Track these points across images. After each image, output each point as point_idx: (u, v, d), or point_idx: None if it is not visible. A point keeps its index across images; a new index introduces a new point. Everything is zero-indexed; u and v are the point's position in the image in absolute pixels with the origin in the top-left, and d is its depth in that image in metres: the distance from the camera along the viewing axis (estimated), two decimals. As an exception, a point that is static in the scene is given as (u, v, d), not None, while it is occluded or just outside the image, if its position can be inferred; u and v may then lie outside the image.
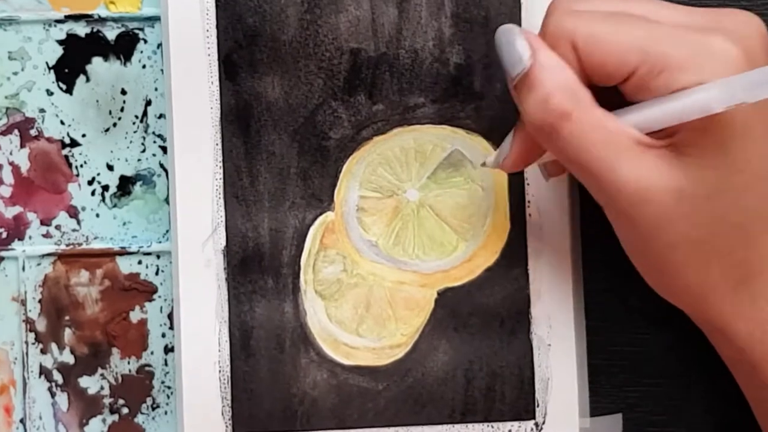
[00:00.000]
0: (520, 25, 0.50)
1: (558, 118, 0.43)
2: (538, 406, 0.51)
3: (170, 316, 0.52)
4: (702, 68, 0.41)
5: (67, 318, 0.52)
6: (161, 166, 0.52)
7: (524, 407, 0.51)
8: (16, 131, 0.52)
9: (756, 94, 0.40)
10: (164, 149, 0.52)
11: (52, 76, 0.52)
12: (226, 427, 0.51)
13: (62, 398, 0.53)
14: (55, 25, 0.52)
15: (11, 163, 0.52)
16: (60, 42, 0.52)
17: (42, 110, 0.52)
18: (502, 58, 0.44)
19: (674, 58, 0.42)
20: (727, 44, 0.42)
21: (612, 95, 0.44)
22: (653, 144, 0.43)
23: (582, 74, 0.43)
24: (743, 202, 0.43)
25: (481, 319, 0.51)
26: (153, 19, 0.51)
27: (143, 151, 0.52)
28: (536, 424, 0.51)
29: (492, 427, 0.51)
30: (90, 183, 0.52)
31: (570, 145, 0.43)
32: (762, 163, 0.43)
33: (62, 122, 0.52)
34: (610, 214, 0.45)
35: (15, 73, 0.52)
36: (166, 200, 0.52)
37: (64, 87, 0.52)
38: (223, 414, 0.51)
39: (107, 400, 0.53)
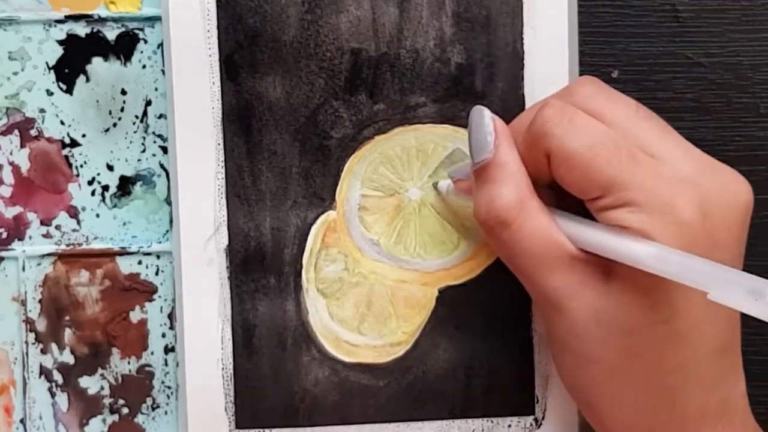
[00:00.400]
0: (521, 24, 0.50)
1: (499, 224, 0.44)
2: (537, 402, 0.51)
3: (170, 316, 0.52)
4: (659, 228, 0.41)
5: (67, 318, 0.52)
6: (161, 166, 0.52)
7: (524, 403, 0.51)
8: (16, 131, 0.52)
9: (688, 278, 0.40)
10: (164, 149, 0.52)
11: (52, 76, 0.52)
12: (229, 423, 0.51)
13: (62, 398, 0.53)
14: (55, 25, 0.52)
15: (11, 163, 0.52)
16: (60, 42, 0.52)
17: (42, 110, 0.52)
18: (469, 137, 0.45)
19: (638, 205, 0.42)
20: (695, 214, 0.42)
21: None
22: (587, 261, 0.43)
23: (547, 174, 0.44)
24: (664, 351, 0.43)
25: (482, 317, 0.51)
26: (153, 19, 0.52)
27: (143, 151, 0.52)
28: (535, 420, 0.51)
29: (492, 422, 0.51)
30: (90, 183, 0.52)
31: (505, 249, 0.45)
32: (696, 317, 0.43)
33: (62, 122, 0.52)
34: (542, 313, 0.46)
35: (15, 73, 0.52)
36: (166, 200, 0.52)
37: (64, 87, 0.52)
38: (226, 410, 0.51)
39: (107, 400, 0.53)
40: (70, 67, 0.52)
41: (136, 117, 0.52)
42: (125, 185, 0.52)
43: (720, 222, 0.42)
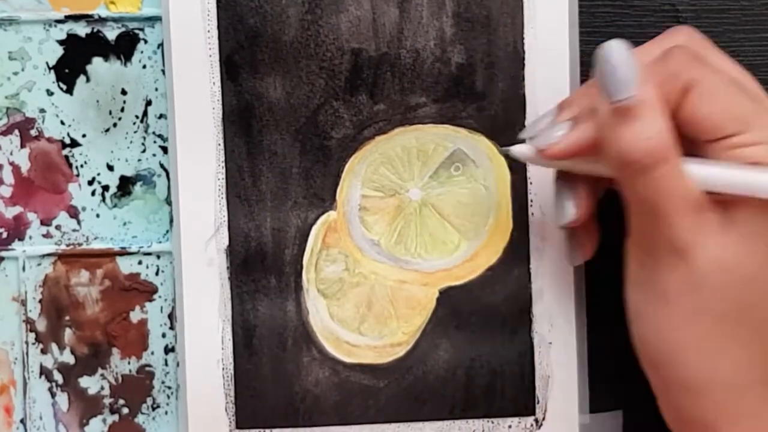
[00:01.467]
0: (522, 24, 0.50)
1: (656, 160, 0.42)
2: (538, 402, 0.51)
3: (170, 316, 0.52)
4: None
5: (67, 318, 0.52)
6: (161, 166, 0.52)
7: (524, 404, 0.51)
8: (16, 131, 0.52)
9: None
10: (164, 149, 0.52)
11: (52, 76, 0.52)
12: (230, 423, 0.51)
13: (62, 398, 0.53)
14: (55, 25, 0.51)
15: (11, 163, 0.52)
16: (60, 42, 0.52)
17: (42, 110, 0.52)
18: (604, 76, 0.43)
19: None
20: None
21: None
22: (713, 209, 0.43)
23: (670, 117, 0.43)
24: None
25: (483, 318, 0.51)
26: (153, 19, 0.51)
27: (143, 151, 0.52)
28: (536, 420, 0.52)
29: (492, 422, 0.51)
30: (90, 183, 0.52)
31: (652, 187, 0.43)
32: None
33: (62, 122, 0.52)
34: (652, 260, 0.44)
35: (15, 73, 0.52)
36: (166, 200, 0.52)
37: (64, 87, 0.52)
38: (226, 410, 0.51)
39: (107, 400, 0.53)
40: (70, 67, 0.52)
41: (136, 117, 0.52)
42: (125, 185, 0.52)
43: None
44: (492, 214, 0.51)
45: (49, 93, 0.52)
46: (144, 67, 0.52)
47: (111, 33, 0.52)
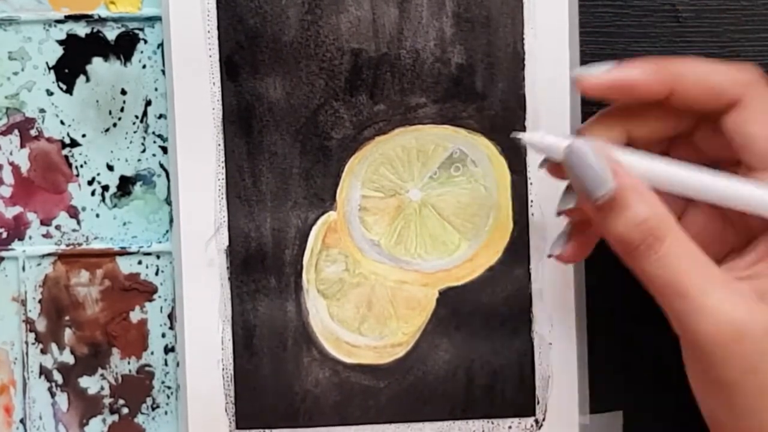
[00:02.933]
0: (522, 25, 0.50)
1: (654, 241, 0.42)
2: (538, 403, 0.51)
3: (170, 316, 0.52)
4: None
5: (67, 318, 0.52)
6: (161, 166, 0.52)
7: (524, 404, 0.51)
8: (16, 131, 0.52)
9: None
10: (164, 149, 0.52)
11: (52, 76, 0.52)
12: (230, 423, 0.51)
13: (62, 398, 0.53)
14: (55, 25, 0.51)
15: (11, 163, 0.52)
16: (60, 42, 0.52)
17: (42, 110, 0.52)
18: (577, 178, 0.43)
19: None
20: None
21: None
22: (740, 285, 0.42)
23: (698, 112, 0.44)
24: None
25: (483, 318, 0.51)
26: (153, 19, 0.51)
27: (143, 151, 0.52)
28: (536, 421, 0.52)
29: (492, 423, 0.52)
30: (90, 183, 0.52)
31: (661, 267, 0.42)
32: None
33: (62, 122, 0.52)
34: (691, 350, 0.43)
35: (15, 73, 0.52)
36: (166, 200, 0.52)
37: (64, 87, 0.52)
38: (226, 411, 0.51)
39: (107, 400, 0.53)
40: (70, 67, 0.52)
41: (136, 117, 0.52)
42: (125, 185, 0.52)
43: None
44: (492, 215, 0.51)
45: (49, 93, 0.52)
46: (144, 67, 0.52)
47: (111, 33, 0.52)
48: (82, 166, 0.52)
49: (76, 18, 0.52)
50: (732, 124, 0.43)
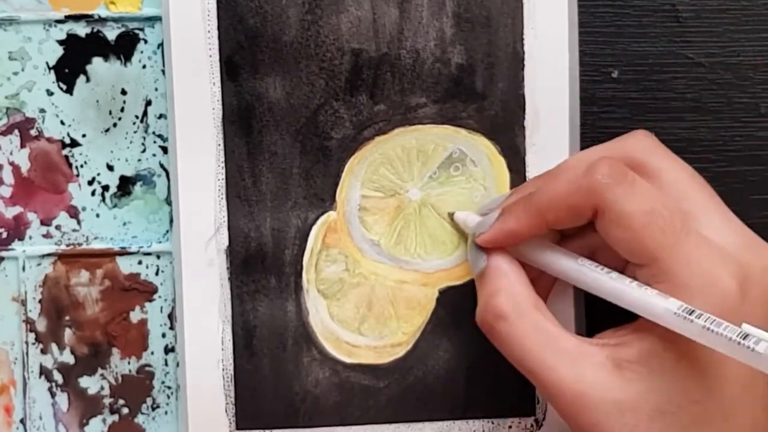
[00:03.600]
0: (522, 25, 0.50)
1: (494, 318, 0.45)
2: (538, 402, 0.51)
3: (170, 316, 0.52)
4: (695, 297, 0.42)
5: (67, 318, 0.52)
6: (161, 166, 0.52)
7: (524, 404, 0.51)
8: (16, 131, 0.52)
9: (710, 340, 0.40)
10: (164, 149, 0.52)
11: (52, 76, 0.52)
12: (230, 423, 0.51)
13: (62, 398, 0.53)
14: (55, 25, 0.51)
15: (11, 163, 0.52)
16: (60, 42, 0.52)
17: (42, 110, 0.52)
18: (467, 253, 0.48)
19: (679, 281, 0.42)
20: (731, 284, 0.42)
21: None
22: (593, 353, 0.44)
23: (579, 223, 0.45)
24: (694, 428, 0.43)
25: (483, 318, 0.51)
26: (153, 19, 0.51)
27: (143, 151, 0.52)
28: (536, 421, 0.52)
29: (492, 423, 0.52)
30: (90, 183, 0.52)
31: (507, 344, 0.45)
32: (726, 398, 0.43)
33: (62, 122, 0.52)
34: (559, 414, 0.45)
35: (15, 73, 0.52)
36: (166, 200, 0.52)
37: (64, 87, 0.52)
38: (226, 411, 0.51)
39: (107, 400, 0.53)
40: (70, 67, 0.52)
41: (136, 117, 0.52)
42: (125, 185, 0.52)
43: (758, 299, 0.43)
44: (492, 215, 0.51)
45: (49, 93, 0.52)
46: (144, 67, 0.52)
47: (111, 33, 0.52)
48: (82, 166, 0.52)
49: (76, 18, 0.52)
50: (600, 230, 0.44)
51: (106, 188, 0.52)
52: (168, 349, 0.52)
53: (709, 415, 0.42)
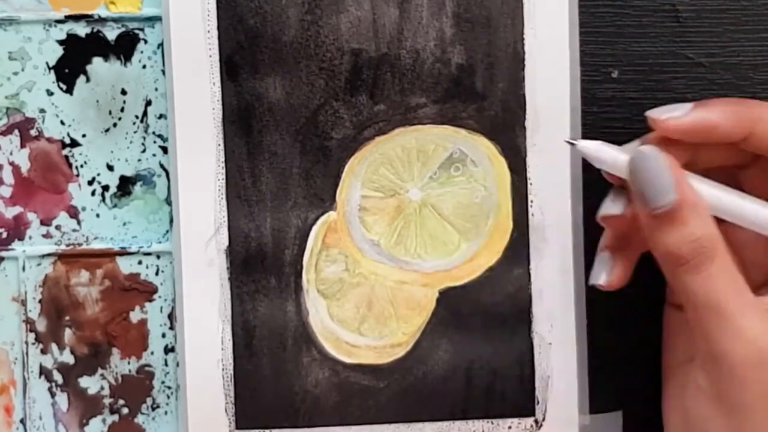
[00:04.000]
0: (522, 25, 0.50)
1: (704, 260, 0.43)
2: (538, 403, 0.51)
3: (170, 316, 0.52)
4: None
5: (67, 318, 0.52)
6: (161, 166, 0.52)
7: (524, 404, 0.51)
8: (16, 131, 0.52)
9: None
10: (164, 149, 0.52)
11: (52, 76, 0.52)
12: (230, 423, 0.51)
13: (62, 398, 0.53)
14: (55, 25, 0.51)
15: (11, 163, 0.52)
16: (60, 42, 0.52)
17: (42, 110, 0.52)
18: (641, 184, 0.44)
19: None
20: None
21: None
22: None
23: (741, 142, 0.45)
24: None
25: (483, 318, 0.51)
26: (153, 20, 0.51)
27: (143, 151, 0.52)
28: (536, 421, 0.52)
29: (492, 423, 0.52)
30: (90, 183, 0.52)
31: (704, 286, 0.43)
32: None
33: (62, 122, 0.52)
34: (714, 370, 0.44)
35: (15, 73, 0.52)
36: (166, 200, 0.52)
37: (64, 87, 0.52)
38: (226, 411, 0.51)
39: (107, 400, 0.53)
40: (70, 67, 0.52)
41: (136, 117, 0.52)
42: (125, 185, 0.52)
43: None
44: (492, 215, 0.51)
45: (49, 93, 0.52)
46: (144, 67, 0.52)
47: (111, 33, 0.52)
48: (82, 166, 0.52)
49: (76, 18, 0.52)
50: (757, 137, 0.44)
51: (106, 188, 0.52)
52: (168, 349, 0.52)
53: None
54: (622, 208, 0.46)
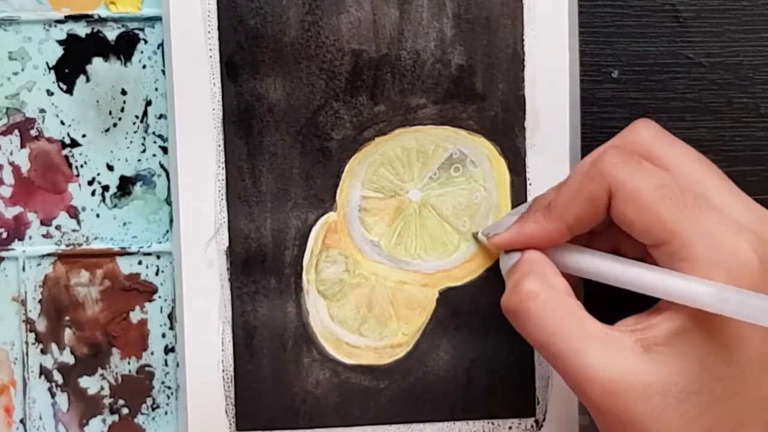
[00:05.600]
0: (522, 26, 0.50)
1: (525, 297, 0.44)
2: (538, 403, 0.52)
3: (170, 317, 0.52)
4: (716, 269, 0.42)
5: (67, 318, 0.52)
6: (161, 166, 0.52)
7: (525, 405, 0.51)
8: (16, 131, 0.52)
9: (747, 314, 0.40)
10: (164, 149, 0.52)
11: (52, 76, 0.52)
12: (230, 424, 0.51)
13: (62, 398, 0.53)
14: (55, 26, 0.51)
15: (11, 163, 0.52)
16: (60, 42, 0.52)
17: (42, 110, 0.52)
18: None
19: (699, 254, 0.42)
20: (750, 254, 0.42)
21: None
22: (621, 338, 0.43)
23: (599, 217, 0.45)
24: (721, 411, 0.42)
25: (483, 318, 0.51)
26: (153, 20, 0.51)
27: (143, 151, 0.52)
28: (536, 422, 0.52)
29: (492, 424, 0.52)
30: (90, 183, 0.52)
31: (535, 325, 0.44)
32: (747, 373, 0.43)
33: (62, 122, 0.52)
34: (582, 400, 0.44)
35: (15, 74, 0.52)
36: (166, 200, 0.52)
37: (64, 87, 0.52)
38: (226, 412, 0.51)
39: (107, 401, 0.53)
40: (70, 67, 0.52)
41: (136, 117, 0.52)
42: (125, 185, 0.52)
43: None
44: (491, 215, 0.51)
45: (49, 93, 0.52)
46: (144, 67, 0.52)
47: (111, 33, 0.52)
48: (82, 166, 0.52)
49: (76, 18, 0.51)
50: (616, 218, 0.44)
51: (106, 188, 0.52)
52: (168, 350, 0.52)
53: (730, 392, 0.42)
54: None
